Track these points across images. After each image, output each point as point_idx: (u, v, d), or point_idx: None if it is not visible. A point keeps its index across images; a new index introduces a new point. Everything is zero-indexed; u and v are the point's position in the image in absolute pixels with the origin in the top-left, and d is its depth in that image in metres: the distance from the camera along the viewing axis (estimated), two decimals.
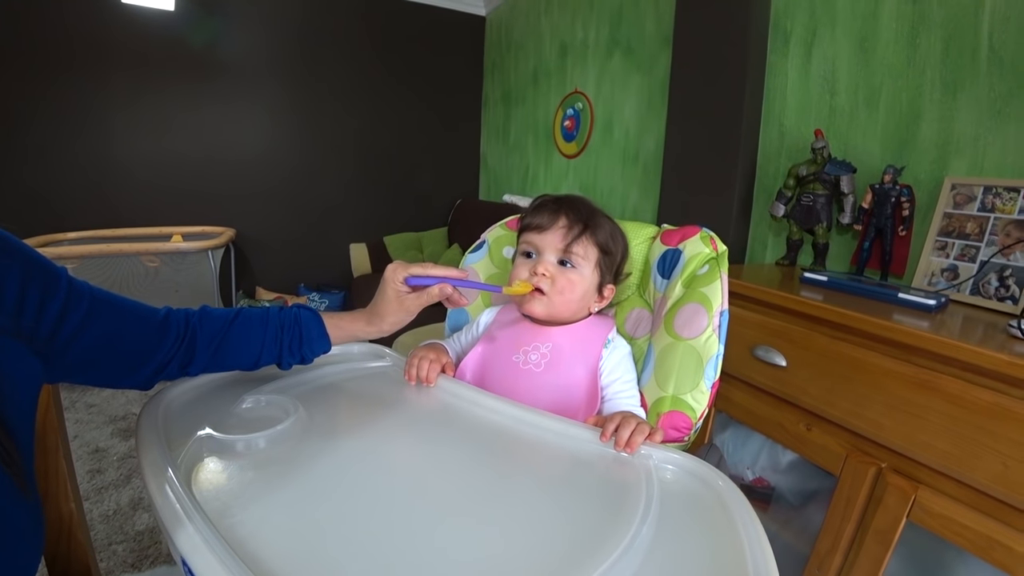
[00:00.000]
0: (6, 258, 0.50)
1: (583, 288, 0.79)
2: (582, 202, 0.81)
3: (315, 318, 0.74)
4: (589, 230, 0.78)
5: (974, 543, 0.80)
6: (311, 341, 0.73)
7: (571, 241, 0.77)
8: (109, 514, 1.58)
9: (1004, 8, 1.10)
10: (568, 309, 0.80)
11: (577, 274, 0.78)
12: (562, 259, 0.78)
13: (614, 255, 0.82)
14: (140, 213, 3.01)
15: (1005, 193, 1.07)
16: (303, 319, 0.73)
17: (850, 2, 1.39)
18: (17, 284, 0.49)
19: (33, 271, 0.52)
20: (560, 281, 0.77)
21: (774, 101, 1.60)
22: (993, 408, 0.77)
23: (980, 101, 1.15)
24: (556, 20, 2.84)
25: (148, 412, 0.62)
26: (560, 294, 0.77)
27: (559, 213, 0.79)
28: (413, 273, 0.72)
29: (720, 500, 0.51)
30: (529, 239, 0.80)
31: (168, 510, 0.43)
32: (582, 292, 0.79)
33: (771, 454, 1.21)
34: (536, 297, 0.77)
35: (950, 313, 1.02)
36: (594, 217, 0.80)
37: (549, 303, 0.78)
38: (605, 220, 0.82)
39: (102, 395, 2.38)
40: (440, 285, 0.72)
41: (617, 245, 0.82)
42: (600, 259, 0.80)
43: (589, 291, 0.80)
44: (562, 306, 0.78)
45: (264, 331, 0.70)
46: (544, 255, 0.78)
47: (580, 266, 0.78)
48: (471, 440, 0.63)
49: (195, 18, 2.93)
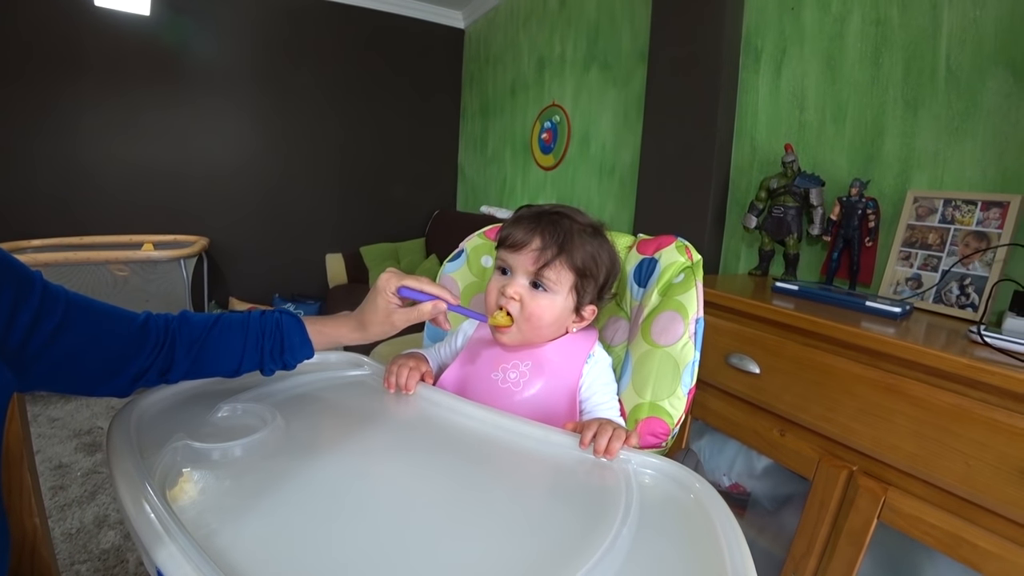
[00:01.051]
0: None
1: (554, 313, 0.75)
2: (563, 219, 0.76)
3: (297, 324, 0.72)
4: (564, 254, 0.73)
5: (942, 541, 0.82)
6: (293, 348, 0.71)
7: (543, 265, 0.73)
8: (72, 532, 1.53)
9: (960, 32, 1.16)
10: (539, 335, 0.77)
11: (548, 299, 0.75)
12: (534, 281, 0.75)
13: (594, 277, 0.77)
14: (110, 221, 2.93)
15: (963, 205, 1.12)
16: (284, 325, 0.71)
17: (817, 23, 1.45)
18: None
19: (5, 277, 0.50)
20: (530, 306, 0.74)
21: (746, 116, 1.65)
22: (955, 410, 0.80)
23: (939, 118, 1.20)
24: (534, 34, 2.88)
25: (120, 422, 0.61)
26: (528, 321, 0.74)
27: (534, 233, 0.74)
28: (407, 285, 0.70)
29: (698, 502, 0.52)
30: (503, 256, 0.77)
31: (144, 523, 0.42)
32: (554, 317, 0.76)
33: (747, 460, 1.23)
34: (504, 331, 0.75)
35: (915, 320, 1.06)
36: (571, 239, 0.74)
37: (517, 333, 0.76)
38: (586, 239, 0.76)
39: (66, 408, 2.30)
40: (434, 303, 0.70)
41: (599, 266, 0.77)
42: (577, 282, 0.76)
43: (563, 315, 0.77)
44: (531, 333, 0.76)
45: (245, 337, 0.68)
46: (516, 276, 0.75)
47: (553, 290, 0.74)
48: (451, 447, 0.62)
49: (170, 23, 2.89)
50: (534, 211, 0.78)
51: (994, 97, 1.11)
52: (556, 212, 0.77)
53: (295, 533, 0.45)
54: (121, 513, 0.46)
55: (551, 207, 0.79)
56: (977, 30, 1.14)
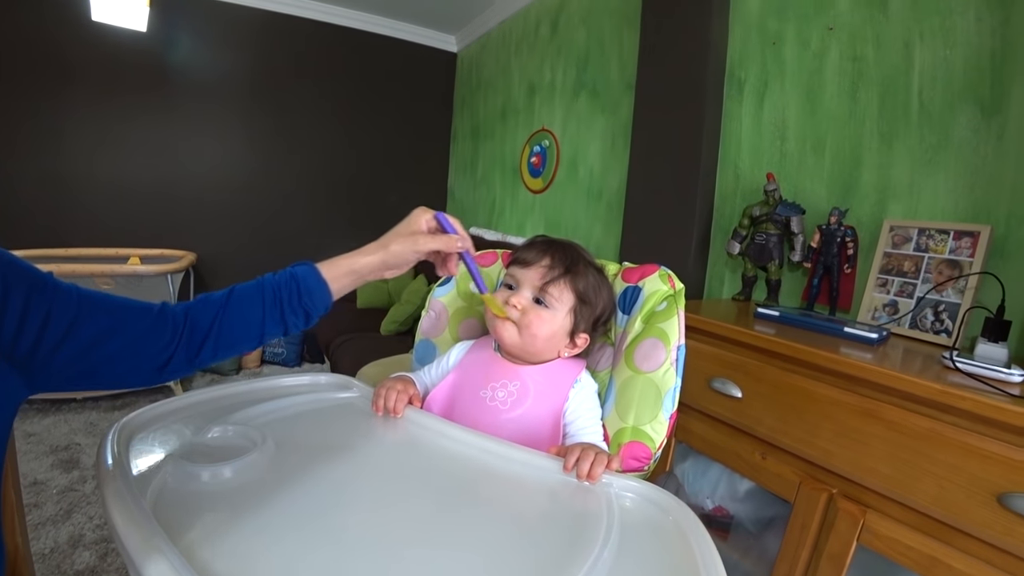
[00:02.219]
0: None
1: (551, 328, 0.79)
2: (573, 250, 0.83)
3: (311, 270, 0.71)
4: (570, 275, 0.79)
5: (918, 563, 0.84)
6: (311, 292, 0.69)
7: (549, 281, 0.78)
8: (46, 552, 1.49)
9: (931, 69, 1.22)
10: (533, 346, 0.80)
11: (548, 313, 0.79)
12: (538, 297, 0.79)
13: (592, 305, 0.82)
14: (96, 234, 2.92)
15: (937, 235, 1.16)
16: (298, 274, 0.70)
17: (797, 57, 1.51)
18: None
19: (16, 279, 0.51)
20: (530, 315, 0.78)
21: (730, 145, 1.70)
22: (929, 434, 0.82)
23: (913, 151, 1.25)
24: (525, 61, 2.94)
25: (110, 440, 0.61)
26: (527, 328, 0.78)
27: (546, 253, 0.81)
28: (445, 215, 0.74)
29: (677, 524, 0.53)
30: (513, 272, 0.82)
31: (135, 543, 0.42)
32: (550, 332, 0.79)
33: (729, 483, 1.24)
34: (509, 324, 0.79)
35: (891, 346, 1.09)
36: (578, 265, 0.81)
37: (515, 334, 0.79)
38: (590, 271, 0.83)
39: (43, 423, 2.26)
40: (460, 239, 0.73)
41: (599, 297, 0.83)
42: (576, 305, 0.80)
43: (558, 334, 0.80)
44: (529, 339, 0.79)
45: (262, 298, 0.67)
46: (522, 289, 0.80)
47: (553, 307, 0.79)
48: (438, 470, 0.63)
49: (165, 39, 2.92)
50: (547, 239, 0.85)
51: (964, 131, 1.16)
52: (569, 243, 0.84)
53: (284, 553, 0.45)
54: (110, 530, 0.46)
55: (560, 239, 0.85)
56: (947, 68, 1.19)
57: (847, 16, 1.38)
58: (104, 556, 1.51)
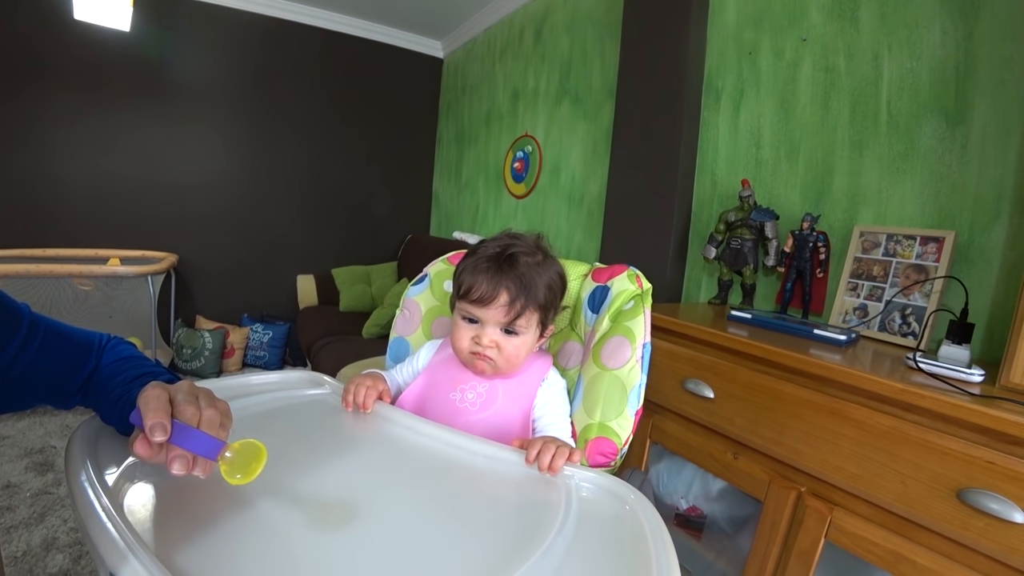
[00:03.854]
0: None
1: (527, 348, 0.80)
2: (519, 259, 0.77)
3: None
4: (531, 301, 0.77)
5: (883, 559, 0.85)
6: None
7: (515, 317, 0.76)
8: (18, 556, 1.46)
9: (899, 80, 1.25)
10: (513, 368, 0.81)
11: (521, 339, 0.78)
12: (507, 328, 0.78)
13: (554, 305, 0.81)
14: (75, 234, 2.88)
15: (904, 240, 1.19)
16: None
17: (772, 67, 1.54)
18: None
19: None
20: (506, 350, 0.77)
21: (707, 152, 1.73)
22: (893, 432, 0.84)
23: (882, 159, 1.28)
24: (509, 67, 2.97)
25: (79, 437, 0.60)
26: (507, 361, 0.78)
27: (499, 286, 0.75)
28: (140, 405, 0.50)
29: (632, 512, 0.54)
30: (470, 309, 0.77)
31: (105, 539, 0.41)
32: (526, 351, 0.80)
33: (703, 483, 1.25)
34: (481, 359, 0.78)
35: (860, 348, 1.11)
36: (532, 281, 0.77)
37: (496, 368, 0.79)
38: (541, 274, 0.79)
39: (17, 426, 2.22)
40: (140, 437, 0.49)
41: (556, 294, 0.81)
42: (541, 316, 0.80)
43: (532, 344, 0.81)
44: (508, 367, 0.80)
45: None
46: (487, 326, 0.77)
47: (523, 332, 0.78)
48: (405, 463, 0.64)
49: (149, 39, 2.90)
50: (490, 256, 0.78)
51: (929, 141, 1.20)
52: (510, 255, 0.78)
53: (251, 546, 0.45)
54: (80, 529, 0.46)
55: (502, 248, 0.79)
56: (914, 79, 1.23)
57: (820, 28, 1.42)
58: (78, 559, 1.48)
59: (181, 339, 3.04)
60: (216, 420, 0.51)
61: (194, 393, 0.53)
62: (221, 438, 0.51)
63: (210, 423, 0.51)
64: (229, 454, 0.49)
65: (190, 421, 0.49)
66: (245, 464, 0.48)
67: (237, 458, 0.49)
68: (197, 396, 0.53)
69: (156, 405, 0.49)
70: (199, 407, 0.51)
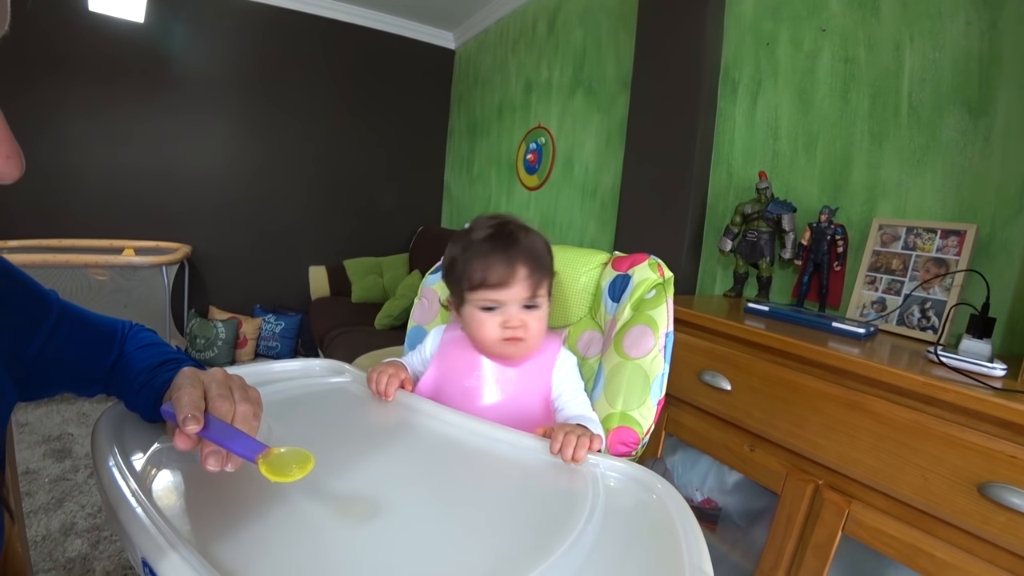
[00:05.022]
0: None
1: (547, 319, 0.81)
2: (517, 233, 0.78)
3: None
4: (544, 268, 0.78)
5: (901, 552, 0.85)
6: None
7: (536, 290, 0.77)
8: (37, 540, 1.49)
9: (920, 71, 1.24)
10: (538, 344, 0.81)
11: (542, 312, 0.79)
12: (527, 304, 0.77)
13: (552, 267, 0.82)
14: (91, 225, 2.91)
15: (924, 233, 1.18)
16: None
17: (790, 58, 1.53)
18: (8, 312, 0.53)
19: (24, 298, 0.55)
20: (533, 326, 0.78)
21: (723, 144, 1.72)
22: (913, 426, 0.84)
23: (902, 151, 1.27)
24: (522, 58, 2.96)
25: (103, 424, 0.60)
26: (535, 337, 0.78)
27: (514, 265, 0.75)
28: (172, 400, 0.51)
29: (660, 502, 0.54)
30: (489, 296, 0.76)
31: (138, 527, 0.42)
32: (547, 323, 0.81)
33: (718, 475, 1.26)
34: (514, 344, 0.77)
35: (878, 341, 1.10)
36: (539, 250, 0.78)
37: (527, 347, 0.79)
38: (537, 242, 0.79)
39: (35, 413, 2.26)
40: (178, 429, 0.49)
41: (551, 255, 0.82)
42: (549, 282, 0.80)
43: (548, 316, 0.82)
44: (536, 345, 0.80)
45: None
46: (509, 307, 0.76)
47: (541, 304, 0.79)
48: (429, 451, 0.64)
49: (163, 31, 2.91)
50: (489, 238, 0.77)
51: (951, 133, 1.18)
52: (507, 231, 0.77)
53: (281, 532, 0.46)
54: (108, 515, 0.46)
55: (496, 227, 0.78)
56: (936, 70, 1.21)
57: (839, 18, 1.40)
58: (96, 544, 1.51)
59: (194, 329, 3.07)
60: (250, 414, 0.52)
61: (227, 385, 0.53)
62: (254, 429, 0.51)
63: (244, 418, 0.51)
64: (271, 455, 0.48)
65: (224, 417, 0.50)
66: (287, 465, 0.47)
67: (280, 459, 0.48)
68: (231, 389, 0.53)
69: (188, 401, 0.49)
70: (233, 401, 0.52)
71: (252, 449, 0.48)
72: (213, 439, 0.48)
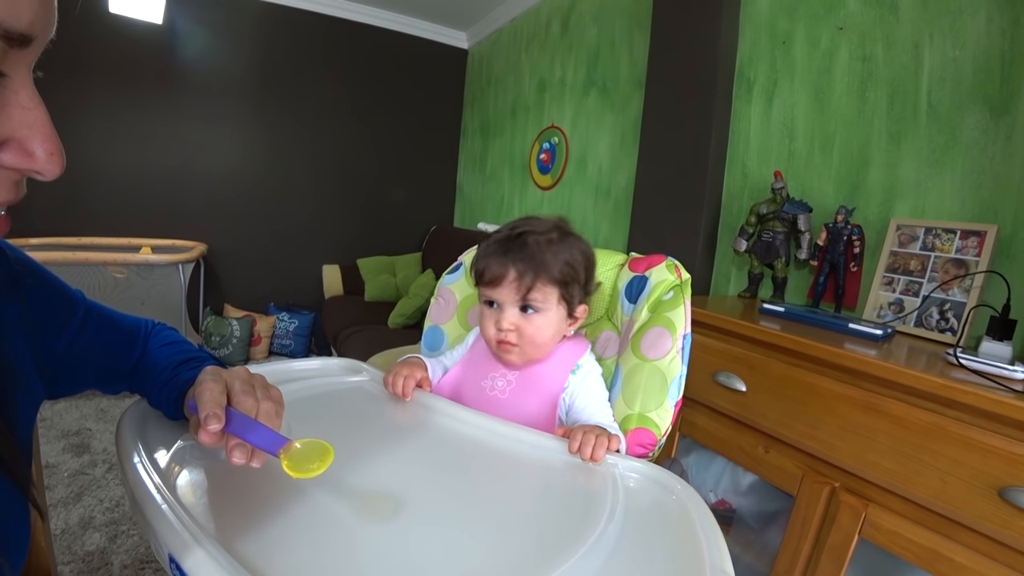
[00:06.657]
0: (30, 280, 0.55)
1: (552, 328, 0.78)
2: (528, 238, 0.77)
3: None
4: (542, 274, 0.75)
5: (919, 556, 0.85)
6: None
7: (526, 292, 0.75)
8: (57, 533, 1.52)
9: (940, 70, 1.22)
10: (540, 351, 0.80)
11: (542, 317, 0.77)
12: (524, 305, 0.77)
13: (577, 280, 0.79)
14: (109, 223, 2.96)
15: (943, 234, 1.17)
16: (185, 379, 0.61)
17: (807, 57, 1.52)
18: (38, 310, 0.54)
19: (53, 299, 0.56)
20: (527, 331, 0.77)
21: (738, 144, 1.71)
22: (932, 428, 0.83)
23: (921, 151, 1.26)
24: (536, 58, 2.96)
25: (127, 420, 0.61)
26: (531, 343, 0.77)
27: (506, 264, 0.76)
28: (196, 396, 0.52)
29: (680, 503, 0.54)
30: (486, 292, 0.79)
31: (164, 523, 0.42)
32: (552, 331, 0.79)
33: (732, 476, 1.25)
34: (507, 348, 0.78)
35: (896, 343, 1.09)
36: (542, 257, 0.76)
37: (522, 353, 0.78)
38: (557, 250, 0.77)
39: (54, 409, 2.30)
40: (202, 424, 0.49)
41: (577, 268, 0.79)
42: (562, 292, 0.78)
43: (559, 325, 0.80)
44: (534, 351, 0.79)
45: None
46: (505, 308, 0.77)
47: (543, 309, 0.77)
48: (447, 450, 0.65)
49: (179, 32, 2.95)
50: (499, 239, 0.79)
51: (972, 132, 1.17)
52: (519, 234, 0.78)
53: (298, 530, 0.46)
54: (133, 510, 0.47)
55: (512, 229, 0.79)
56: (956, 68, 1.20)
57: (857, 16, 1.39)
58: (114, 538, 1.53)
59: (209, 326, 3.11)
60: (273, 411, 0.53)
61: (250, 382, 0.55)
62: (276, 427, 0.53)
63: (267, 415, 0.52)
64: (292, 450, 0.49)
65: (248, 412, 0.51)
66: (307, 461, 0.48)
67: (300, 454, 0.48)
68: (254, 386, 0.54)
69: (210, 397, 0.50)
70: (256, 398, 0.53)
71: (274, 443, 0.49)
72: (235, 433, 0.49)
